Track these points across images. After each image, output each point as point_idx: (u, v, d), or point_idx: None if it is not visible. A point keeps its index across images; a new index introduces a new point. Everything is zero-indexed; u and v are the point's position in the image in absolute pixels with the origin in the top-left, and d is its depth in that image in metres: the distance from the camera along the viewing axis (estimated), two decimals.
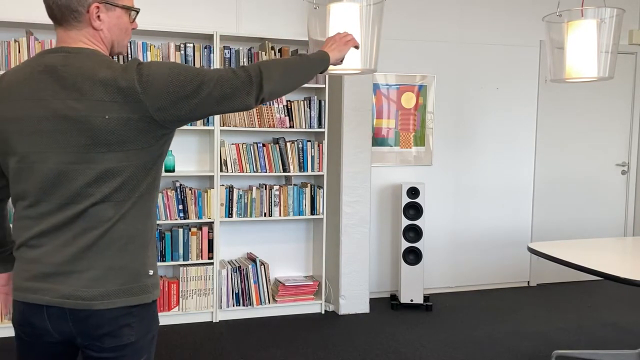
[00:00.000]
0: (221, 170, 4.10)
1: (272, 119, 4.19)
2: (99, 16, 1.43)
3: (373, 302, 4.67)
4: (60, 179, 1.39)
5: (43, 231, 1.42)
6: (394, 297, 4.72)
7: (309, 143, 4.28)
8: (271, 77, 1.51)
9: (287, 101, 4.25)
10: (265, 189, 4.22)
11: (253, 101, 1.49)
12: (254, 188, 4.21)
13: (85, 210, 1.39)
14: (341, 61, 1.85)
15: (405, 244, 4.49)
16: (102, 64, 1.39)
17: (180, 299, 4.10)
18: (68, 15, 1.42)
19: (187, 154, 4.29)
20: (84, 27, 1.44)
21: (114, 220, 1.40)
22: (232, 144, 4.13)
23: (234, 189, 4.16)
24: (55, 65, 1.40)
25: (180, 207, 4.04)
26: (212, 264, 4.15)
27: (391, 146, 4.78)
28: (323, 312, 4.42)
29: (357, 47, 1.88)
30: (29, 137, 1.40)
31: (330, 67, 2.37)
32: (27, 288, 1.44)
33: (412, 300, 4.52)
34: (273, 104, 4.20)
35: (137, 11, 1.53)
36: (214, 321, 4.18)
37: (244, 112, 4.14)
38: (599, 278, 4.11)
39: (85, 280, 1.39)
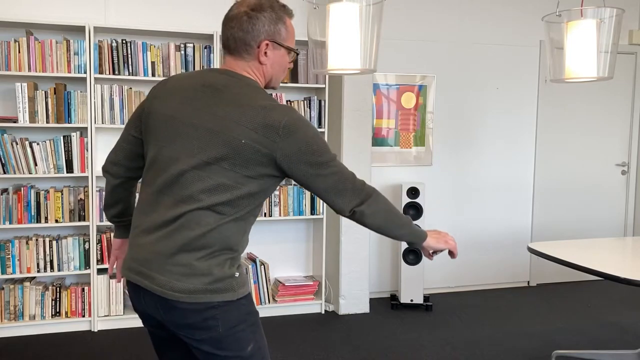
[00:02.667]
0: None
1: None
2: (266, 52, 1.62)
3: (373, 302, 4.67)
4: (182, 179, 1.54)
5: (156, 221, 1.56)
6: (394, 297, 4.73)
7: None
8: (375, 204, 1.62)
9: (287, 101, 4.25)
10: None
11: (348, 209, 1.61)
12: None
13: (191, 212, 1.52)
14: (430, 254, 1.78)
15: (405, 244, 4.49)
16: (257, 95, 1.55)
17: None
18: (241, 47, 1.61)
19: None
20: (252, 59, 1.62)
21: (211, 227, 1.52)
22: None
23: None
24: (216, 84, 1.58)
25: None
26: None
27: (391, 146, 4.78)
28: (323, 312, 4.42)
29: (452, 255, 1.81)
30: (171, 135, 1.58)
31: (332, 68, 2.37)
32: (132, 268, 1.60)
33: (412, 300, 4.52)
34: None
35: (298, 53, 1.71)
36: None
37: None
38: (599, 278, 4.11)
39: (177, 275, 1.52)
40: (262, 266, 4.23)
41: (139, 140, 1.72)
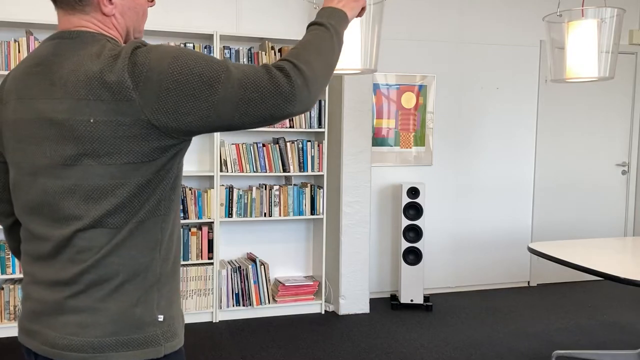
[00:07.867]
0: (221, 170, 4.10)
1: None
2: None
3: (373, 302, 4.66)
4: (47, 196, 1.14)
5: (34, 260, 1.19)
6: (394, 297, 4.72)
7: (309, 143, 4.28)
8: (308, 71, 1.13)
9: None
10: (265, 189, 4.22)
11: (290, 110, 1.11)
12: (254, 188, 4.21)
13: (72, 237, 1.12)
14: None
15: (405, 244, 4.49)
16: (94, 51, 1.11)
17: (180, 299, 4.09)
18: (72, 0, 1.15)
19: (187, 153, 4.29)
20: (91, 11, 1.15)
21: (105, 250, 1.11)
22: (232, 143, 4.13)
23: (234, 189, 4.16)
24: (47, 56, 1.14)
25: (180, 207, 4.04)
26: (212, 264, 4.15)
27: (391, 146, 4.78)
28: (323, 312, 4.42)
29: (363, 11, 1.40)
30: (21, 145, 1.16)
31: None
32: (21, 328, 1.22)
33: (412, 301, 4.52)
34: None
35: None
36: (214, 321, 4.18)
37: None
38: (599, 278, 4.11)
39: (73, 326, 1.12)
40: (262, 266, 4.23)
41: (7, 165, 1.28)
